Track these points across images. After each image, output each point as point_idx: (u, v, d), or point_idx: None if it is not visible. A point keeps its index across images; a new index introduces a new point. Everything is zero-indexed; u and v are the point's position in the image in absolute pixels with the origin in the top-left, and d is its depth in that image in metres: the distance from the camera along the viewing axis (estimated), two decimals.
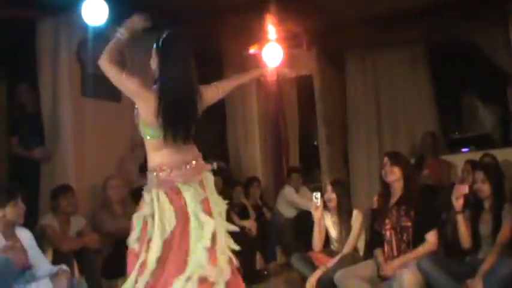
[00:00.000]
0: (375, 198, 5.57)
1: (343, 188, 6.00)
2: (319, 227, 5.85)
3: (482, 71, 8.48)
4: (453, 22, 7.84)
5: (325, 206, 5.87)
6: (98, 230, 6.36)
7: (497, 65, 8.17)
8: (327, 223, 5.89)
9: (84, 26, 6.59)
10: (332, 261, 5.50)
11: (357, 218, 5.74)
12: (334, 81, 9.40)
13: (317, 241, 5.87)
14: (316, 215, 5.82)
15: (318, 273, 5.40)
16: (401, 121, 8.99)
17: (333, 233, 5.87)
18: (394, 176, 5.32)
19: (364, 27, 8.01)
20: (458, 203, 5.07)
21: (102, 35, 6.90)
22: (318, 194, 5.82)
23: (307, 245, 6.17)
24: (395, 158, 5.41)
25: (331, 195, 5.84)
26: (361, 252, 5.82)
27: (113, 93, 7.36)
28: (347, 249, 5.68)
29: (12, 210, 4.77)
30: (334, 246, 5.86)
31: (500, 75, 8.28)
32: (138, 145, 7.70)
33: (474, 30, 8.02)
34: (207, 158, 3.79)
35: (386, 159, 5.41)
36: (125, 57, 7.50)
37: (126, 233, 3.66)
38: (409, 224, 5.18)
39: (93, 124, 7.05)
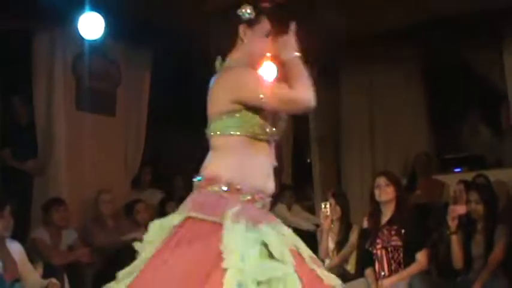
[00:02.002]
0: (365, 218, 5.57)
1: (345, 200, 6.05)
2: (327, 236, 5.88)
3: (476, 92, 8.52)
4: (449, 44, 7.89)
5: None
6: (90, 244, 6.34)
7: (491, 87, 8.23)
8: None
9: (81, 40, 6.60)
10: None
11: (354, 232, 5.77)
12: (329, 99, 9.39)
13: (324, 251, 5.89)
14: (325, 224, 5.83)
15: None
16: (395, 140, 9.00)
17: (331, 244, 5.89)
18: (388, 196, 5.31)
19: (360, 46, 8.04)
20: (453, 223, 5.07)
21: (98, 49, 6.94)
22: (328, 204, 5.83)
23: None
24: (390, 178, 5.41)
25: (336, 208, 5.87)
26: (352, 270, 5.83)
27: (107, 107, 7.42)
28: (339, 258, 5.72)
29: None
30: (329, 257, 5.87)
31: (494, 96, 8.33)
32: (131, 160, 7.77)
33: (469, 52, 8.08)
34: (197, 173, 3.69)
35: (381, 179, 5.39)
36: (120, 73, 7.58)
37: (118, 247, 3.65)
38: (399, 243, 5.17)
39: (87, 138, 7.04)
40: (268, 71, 8.39)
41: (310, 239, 5.94)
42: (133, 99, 7.73)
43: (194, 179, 2.71)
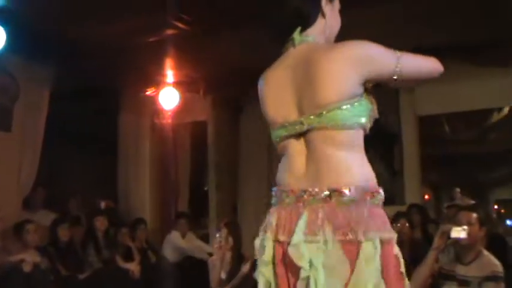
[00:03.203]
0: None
1: (237, 230, 6.09)
2: (219, 266, 5.87)
3: (374, 131, 8.79)
4: None
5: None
6: None
7: (388, 127, 8.51)
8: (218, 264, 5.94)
9: None
10: None
11: (247, 263, 5.81)
12: (228, 128, 9.48)
13: (216, 280, 5.88)
14: (218, 254, 5.84)
15: None
16: None
17: (223, 274, 5.89)
18: None
19: (259, 75, 8.16)
20: None
21: None
22: (221, 233, 5.86)
23: None
24: None
25: (228, 238, 5.88)
26: None
27: (3, 122, 7.21)
28: None
29: None
30: (220, 287, 5.88)
31: (390, 137, 8.62)
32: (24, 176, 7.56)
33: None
34: (94, 196, 3.63)
35: None
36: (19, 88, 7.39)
37: (4, 268, 3.53)
38: None
39: None
40: (170, 96, 8.45)
41: (203, 267, 5.95)
42: (30, 116, 7.53)
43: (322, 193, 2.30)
